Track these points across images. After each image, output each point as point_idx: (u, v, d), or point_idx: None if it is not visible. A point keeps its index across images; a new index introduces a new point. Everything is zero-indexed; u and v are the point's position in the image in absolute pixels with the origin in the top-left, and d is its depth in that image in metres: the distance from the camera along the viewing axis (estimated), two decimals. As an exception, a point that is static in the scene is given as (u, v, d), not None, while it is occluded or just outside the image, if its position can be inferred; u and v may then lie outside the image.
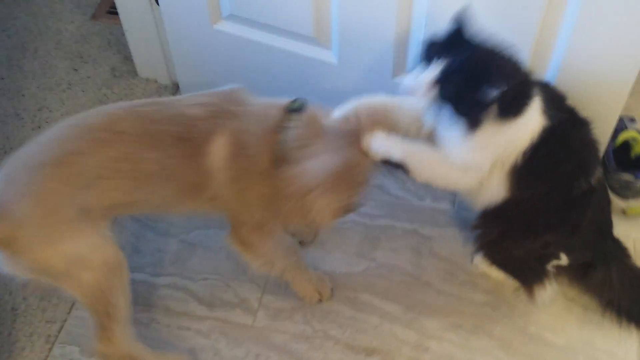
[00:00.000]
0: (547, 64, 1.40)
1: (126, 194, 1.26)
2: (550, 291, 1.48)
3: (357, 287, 1.57)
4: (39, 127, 1.83)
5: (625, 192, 1.62)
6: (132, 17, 1.81)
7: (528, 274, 1.50)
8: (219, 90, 1.34)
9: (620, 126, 1.66)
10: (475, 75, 1.19)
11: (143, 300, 1.55)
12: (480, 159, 1.29)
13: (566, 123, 1.30)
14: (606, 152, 1.64)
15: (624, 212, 1.64)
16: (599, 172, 1.37)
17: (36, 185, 1.19)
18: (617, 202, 1.63)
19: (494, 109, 1.21)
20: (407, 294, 1.56)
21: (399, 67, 1.54)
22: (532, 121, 1.27)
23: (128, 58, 1.97)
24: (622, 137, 1.64)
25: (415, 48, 1.48)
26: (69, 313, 1.54)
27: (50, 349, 1.49)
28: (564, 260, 1.44)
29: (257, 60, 1.68)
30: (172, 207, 1.39)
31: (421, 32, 1.46)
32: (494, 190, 1.35)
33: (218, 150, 1.26)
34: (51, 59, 2.01)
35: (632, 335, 1.46)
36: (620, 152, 1.65)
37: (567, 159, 1.31)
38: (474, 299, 1.55)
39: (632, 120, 1.71)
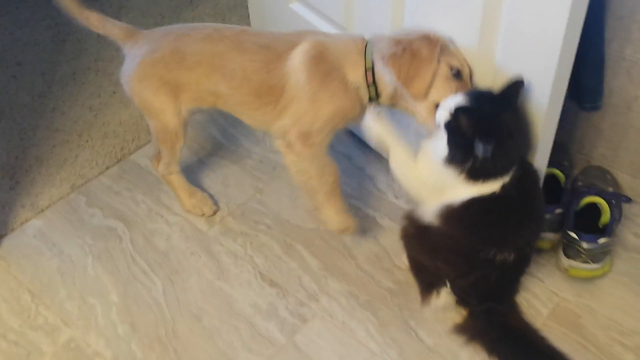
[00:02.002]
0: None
1: (212, 82, 1.61)
2: (441, 304, 1.56)
3: (298, 238, 1.79)
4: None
5: (569, 251, 1.61)
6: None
7: (426, 282, 1.59)
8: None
9: (591, 190, 1.69)
10: (477, 128, 1.33)
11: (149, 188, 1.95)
12: (431, 185, 1.45)
13: (509, 201, 1.41)
14: (568, 209, 1.66)
15: (566, 271, 1.63)
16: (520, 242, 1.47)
17: (159, 49, 1.62)
18: (563, 259, 1.63)
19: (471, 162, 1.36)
20: (332, 258, 1.74)
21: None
22: (487, 188, 1.40)
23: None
24: (585, 200, 1.65)
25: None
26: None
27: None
28: (447, 290, 1.54)
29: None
30: (255, 110, 1.63)
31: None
32: (430, 212, 1.50)
33: (298, 55, 1.54)
34: (202, 14, 2.54)
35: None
36: (586, 216, 1.66)
37: (490, 227, 1.45)
38: (382, 282, 1.67)
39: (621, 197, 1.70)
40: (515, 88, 1.38)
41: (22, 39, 2.50)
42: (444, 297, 1.56)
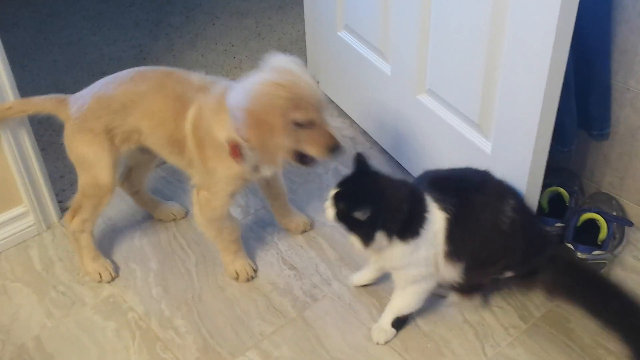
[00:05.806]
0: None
1: (135, 120, 1.67)
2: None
3: (320, 233, 1.98)
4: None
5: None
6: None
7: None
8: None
9: (591, 208, 1.81)
10: (349, 200, 1.49)
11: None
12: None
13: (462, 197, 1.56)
14: (569, 224, 1.78)
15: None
16: (511, 206, 1.60)
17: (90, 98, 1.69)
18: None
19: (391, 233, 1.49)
20: (348, 252, 1.91)
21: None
22: (436, 224, 1.54)
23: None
24: (585, 216, 1.78)
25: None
26: (155, 169, 2.25)
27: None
28: (508, 274, 1.69)
29: (359, 69, 2.23)
30: (168, 155, 1.72)
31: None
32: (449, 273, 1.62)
33: (189, 118, 1.61)
34: (267, 46, 2.83)
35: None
36: (586, 232, 1.78)
37: (482, 214, 1.58)
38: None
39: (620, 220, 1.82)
40: (361, 160, 1.54)
41: (109, 54, 2.85)
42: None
